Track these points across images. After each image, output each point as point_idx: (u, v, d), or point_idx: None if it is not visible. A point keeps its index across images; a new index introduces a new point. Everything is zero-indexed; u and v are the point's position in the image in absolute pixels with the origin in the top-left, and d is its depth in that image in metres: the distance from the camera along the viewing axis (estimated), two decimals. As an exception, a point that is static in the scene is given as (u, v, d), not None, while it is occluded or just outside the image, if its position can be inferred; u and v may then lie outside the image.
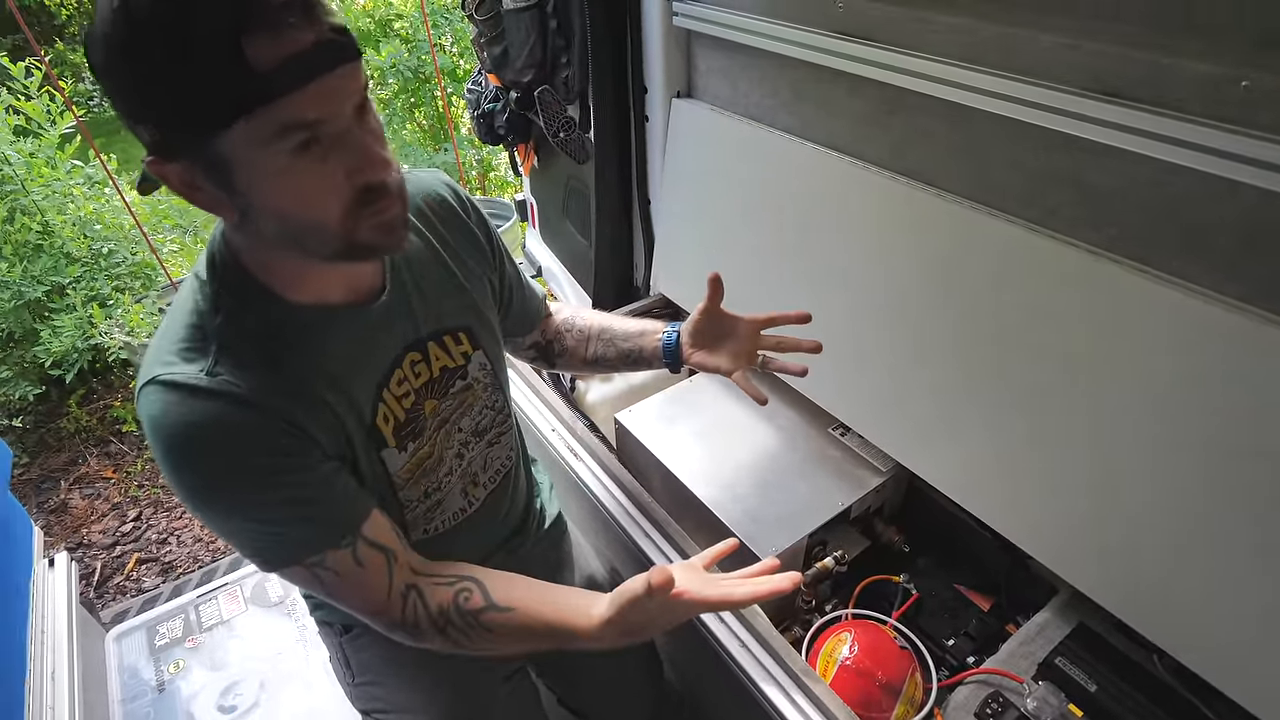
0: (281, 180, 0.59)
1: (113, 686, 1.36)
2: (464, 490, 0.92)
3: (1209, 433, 0.82)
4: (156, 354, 0.67)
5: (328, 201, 0.61)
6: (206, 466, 0.65)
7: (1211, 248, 0.81)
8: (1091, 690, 0.94)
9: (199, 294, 0.68)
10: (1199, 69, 0.74)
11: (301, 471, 0.69)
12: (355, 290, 0.75)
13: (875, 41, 1.03)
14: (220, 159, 0.57)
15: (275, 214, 0.61)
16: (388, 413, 0.78)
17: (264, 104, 0.54)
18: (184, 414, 0.63)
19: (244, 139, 0.56)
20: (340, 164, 0.60)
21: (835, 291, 1.22)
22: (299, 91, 0.55)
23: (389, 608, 0.74)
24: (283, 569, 0.71)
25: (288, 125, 0.56)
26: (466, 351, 0.86)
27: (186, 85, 0.54)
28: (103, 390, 2.99)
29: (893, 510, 1.31)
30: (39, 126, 2.64)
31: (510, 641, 0.78)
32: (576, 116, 1.59)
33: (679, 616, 0.76)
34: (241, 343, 0.67)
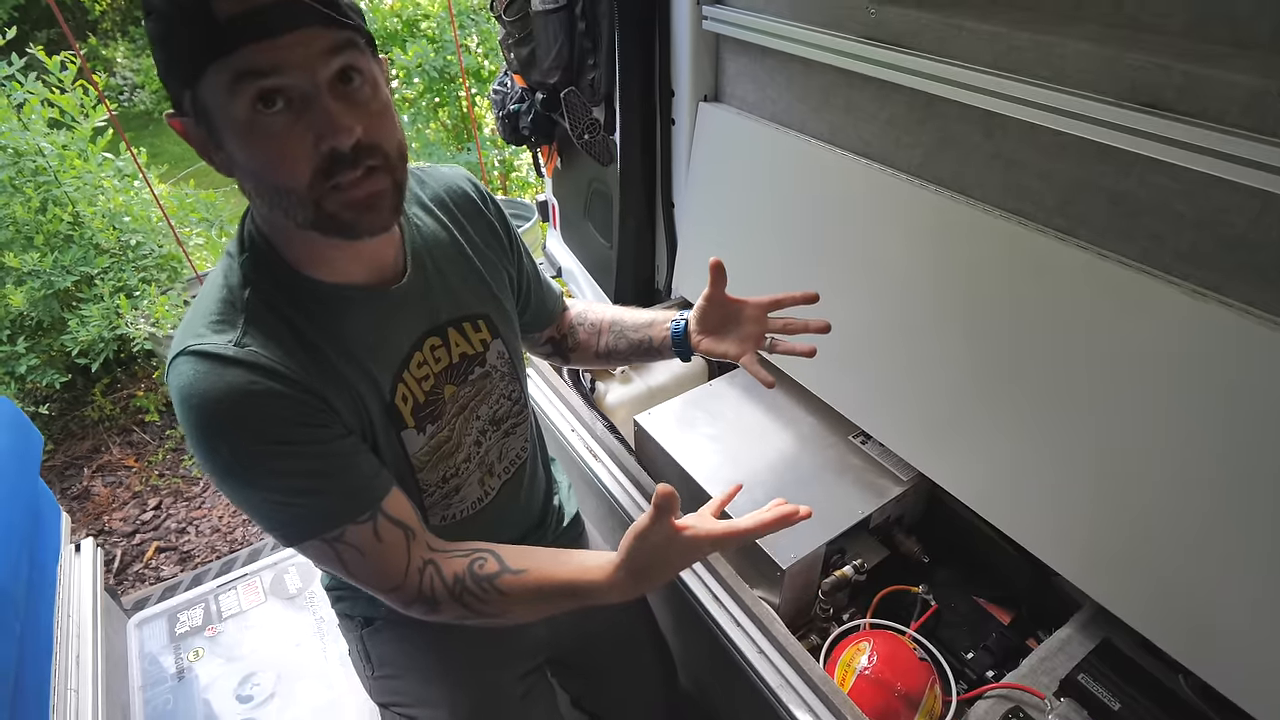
0: (249, 135, 0.61)
1: (133, 672, 1.38)
2: (480, 480, 0.93)
3: (1241, 449, 0.80)
4: (188, 327, 0.69)
5: (294, 164, 0.62)
6: (235, 435, 0.66)
7: (1250, 261, 0.79)
8: (1115, 709, 0.92)
9: (229, 269, 0.71)
10: (1239, 80, 0.73)
11: (327, 443, 0.70)
12: (376, 271, 0.77)
13: (907, 47, 1.02)
14: (204, 111, 0.61)
15: (250, 172, 0.64)
16: (406, 393, 0.79)
17: (225, 54, 0.58)
18: (214, 383, 0.65)
19: (212, 88, 0.60)
20: (309, 127, 0.61)
21: (859, 298, 1.21)
22: (255, 43, 0.58)
23: (406, 584, 0.75)
24: (303, 543, 0.71)
25: (242, 73, 0.58)
26: (485, 339, 0.88)
27: (167, 39, 0.60)
28: (126, 380, 3.04)
29: (913, 520, 1.30)
30: (72, 120, 2.69)
31: (526, 603, 0.78)
32: (602, 119, 1.60)
33: (689, 554, 0.76)
34: (269, 315, 0.69)
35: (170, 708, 1.34)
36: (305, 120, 0.61)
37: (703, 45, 1.39)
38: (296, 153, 0.61)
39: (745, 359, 0.96)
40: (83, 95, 2.70)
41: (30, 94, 2.58)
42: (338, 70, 0.61)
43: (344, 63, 0.61)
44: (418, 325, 0.81)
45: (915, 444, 1.17)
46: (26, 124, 2.56)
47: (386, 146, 0.65)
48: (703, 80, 1.43)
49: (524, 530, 1.05)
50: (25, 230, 2.60)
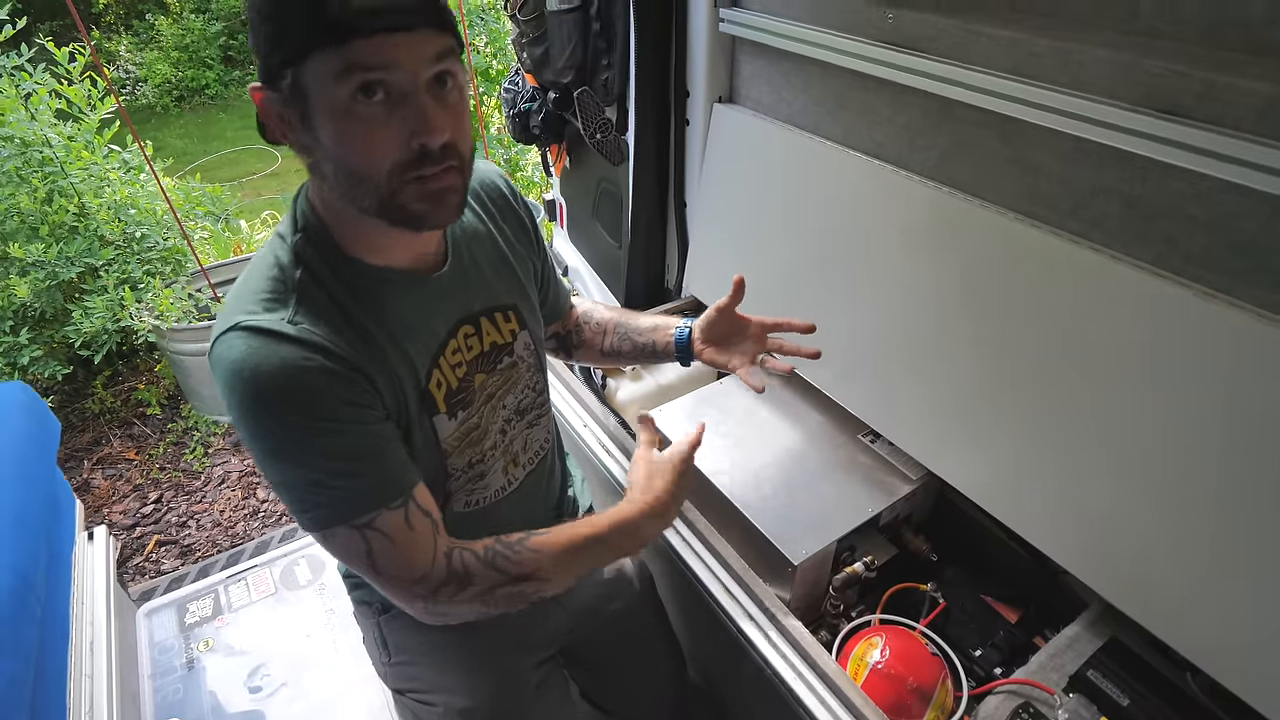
0: (345, 121, 0.64)
1: (143, 662, 1.38)
2: (505, 468, 0.95)
3: (1252, 450, 0.82)
4: (238, 303, 0.70)
5: (381, 153, 0.65)
6: (286, 410, 0.67)
7: (1262, 265, 0.81)
8: (1124, 704, 0.93)
9: (280, 249, 0.73)
10: (1258, 88, 0.75)
11: (371, 424, 0.72)
12: (420, 259, 0.80)
13: (925, 52, 1.04)
14: (301, 90, 0.64)
15: (334, 155, 0.66)
16: (441, 379, 0.82)
17: (339, 43, 0.61)
18: (267, 357, 0.66)
19: (317, 74, 0.62)
20: (404, 122, 0.65)
21: (871, 298, 1.23)
22: (366, 39, 0.61)
23: (434, 570, 0.75)
24: (334, 528, 0.71)
25: (351, 65, 0.62)
26: (514, 329, 0.90)
27: (279, 15, 0.62)
28: (127, 373, 3.03)
29: (921, 519, 1.31)
30: (79, 111, 2.69)
31: (559, 560, 0.80)
32: (614, 119, 1.61)
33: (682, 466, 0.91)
34: (319, 294, 0.71)
35: (180, 697, 1.34)
36: (399, 115, 0.64)
37: (719, 47, 1.40)
38: (385, 143, 0.65)
39: (741, 370, 1.02)
40: (90, 87, 2.70)
41: (38, 85, 2.58)
42: (437, 73, 0.65)
43: (444, 68, 0.66)
44: (454, 313, 0.83)
45: (925, 442, 1.19)
46: (34, 114, 2.55)
47: (464, 149, 0.70)
48: (718, 82, 1.45)
49: (541, 520, 1.05)
50: (31, 221, 2.59)
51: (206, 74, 6.45)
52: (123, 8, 6.74)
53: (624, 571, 1.14)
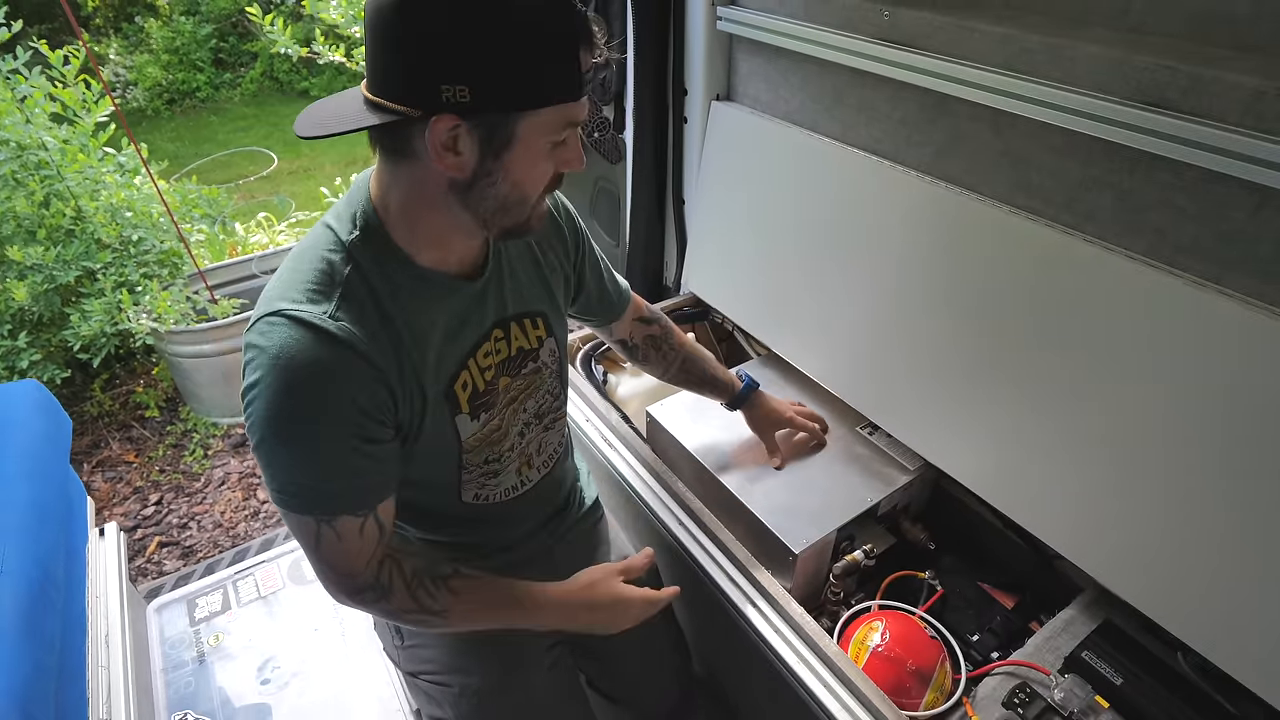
0: (536, 162, 0.70)
1: (155, 656, 1.39)
2: (519, 469, 0.97)
3: (1241, 434, 0.84)
4: (282, 290, 0.72)
5: (542, 183, 0.74)
6: (304, 404, 0.70)
7: (1249, 254, 0.84)
8: (1118, 683, 0.96)
9: (331, 243, 0.74)
10: (1244, 81, 0.77)
11: (378, 433, 0.75)
12: (466, 263, 0.83)
13: (920, 49, 1.06)
14: (508, 131, 0.67)
15: (513, 186, 0.71)
16: (468, 380, 0.84)
17: (574, 100, 0.68)
18: (303, 351, 0.69)
19: (543, 122, 0.67)
20: (560, 155, 0.72)
21: (869, 293, 1.25)
22: (583, 97, 0.69)
23: (364, 573, 0.81)
24: (298, 514, 0.76)
25: (571, 121, 0.69)
26: (541, 336, 0.93)
27: (540, 64, 0.65)
28: (125, 376, 3.03)
29: (919, 509, 1.33)
30: (74, 114, 2.68)
31: (471, 611, 0.87)
32: (611, 117, 1.63)
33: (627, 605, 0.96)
34: (363, 292, 0.73)
35: (191, 690, 1.35)
36: (562, 148, 0.72)
37: (717, 45, 1.42)
38: (547, 174, 0.73)
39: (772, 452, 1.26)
40: (85, 90, 2.69)
41: (34, 88, 2.57)
42: None
43: None
44: (489, 316, 0.86)
45: (921, 433, 1.21)
46: (29, 118, 2.55)
47: None
48: (716, 79, 1.47)
49: (549, 514, 1.08)
50: (28, 224, 2.59)
51: (197, 77, 6.42)
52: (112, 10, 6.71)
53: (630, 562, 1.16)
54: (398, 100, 0.65)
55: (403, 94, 0.65)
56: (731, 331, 1.71)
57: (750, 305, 1.52)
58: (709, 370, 1.24)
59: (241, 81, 6.58)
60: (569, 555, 1.12)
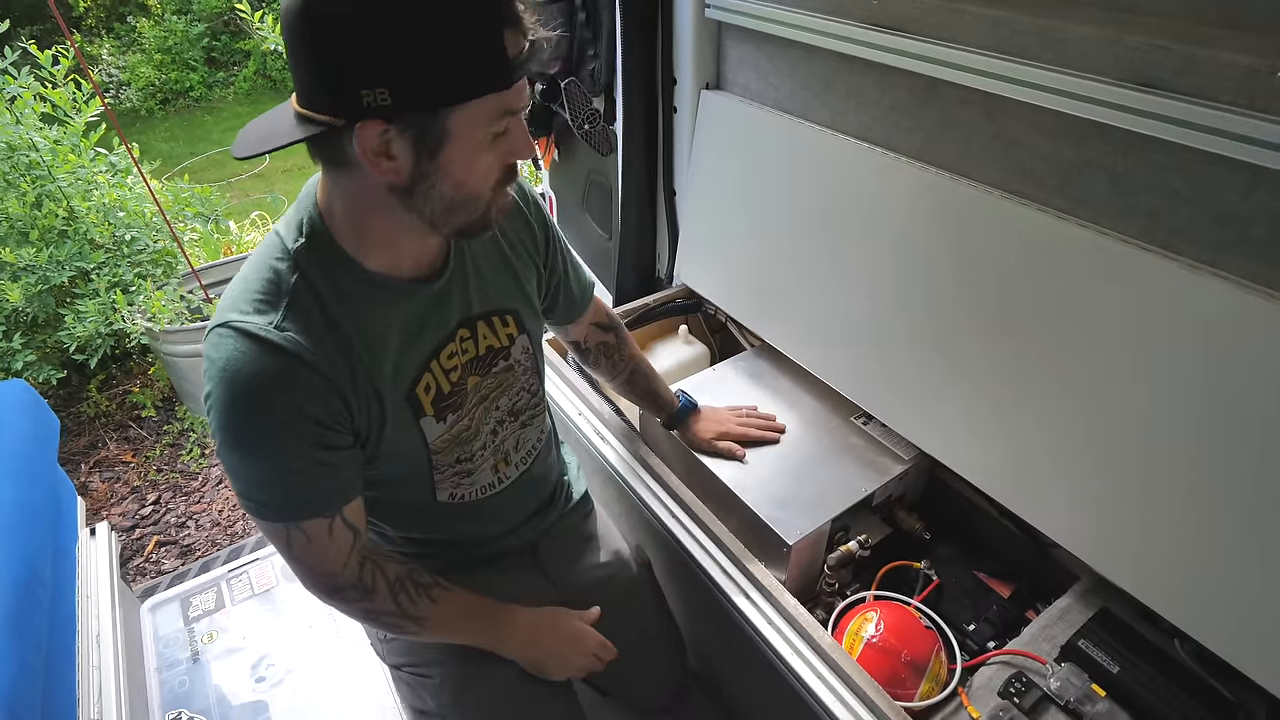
0: (476, 156, 0.67)
1: (149, 655, 1.39)
2: (495, 467, 0.96)
3: (1236, 418, 0.83)
4: (231, 301, 0.72)
5: (489, 177, 0.70)
6: (253, 413, 0.70)
7: (1244, 236, 0.82)
8: (1114, 671, 0.95)
9: (279, 251, 0.73)
10: (1237, 60, 0.76)
11: (333, 439, 0.75)
12: (422, 265, 0.80)
13: (909, 32, 1.05)
14: (439, 130, 0.64)
15: (455, 185, 0.68)
16: (431, 382, 0.83)
17: (506, 86, 0.64)
18: (248, 362, 0.69)
19: (474, 115, 0.64)
20: (504, 146, 0.69)
21: (861, 281, 1.24)
22: (520, 83, 0.66)
23: (344, 573, 0.82)
24: (264, 520, 0.77)
25: (507, 110, 0.66)
26: (512, 333, 0.91)
27: (458, 57, 0.61)
28: (122, 376, 3.03)
29: (914, 498, 1.32)
30: (65, 114, 2.67)
31: (448, 620, 0.89)
32: (602, 109, 1.61)
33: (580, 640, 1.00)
34: (310, 302, 0.72)
35: (186, 689, 1.35)
36: (503, 140, 0.69)
37: (705, 33, 1.40)
38: (494, 167, 0.70)
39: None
40: (75, 90, 2.68)
41: (23, 88, 2.56)
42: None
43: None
44: (452, 317, 0.84)
45: (916, 422, 1.20)
46: (19, 118, 2.54)
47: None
48: (705, 68, 1.45)
49: (534, 509, 1.07)
50: (20, 225, 2.58)
51: (190, 76, 6.40)
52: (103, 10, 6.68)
53: (621, 554, 1.15)
54: (322, 110, 0.63)
55: (326, 104, 0.63)
56: (725, 323, 1.69)
57: (742, 296, 1.51)
58: (652, 386, 1.23)
59: (235, 80, 6.55)
60: (553, 551, 1.12)
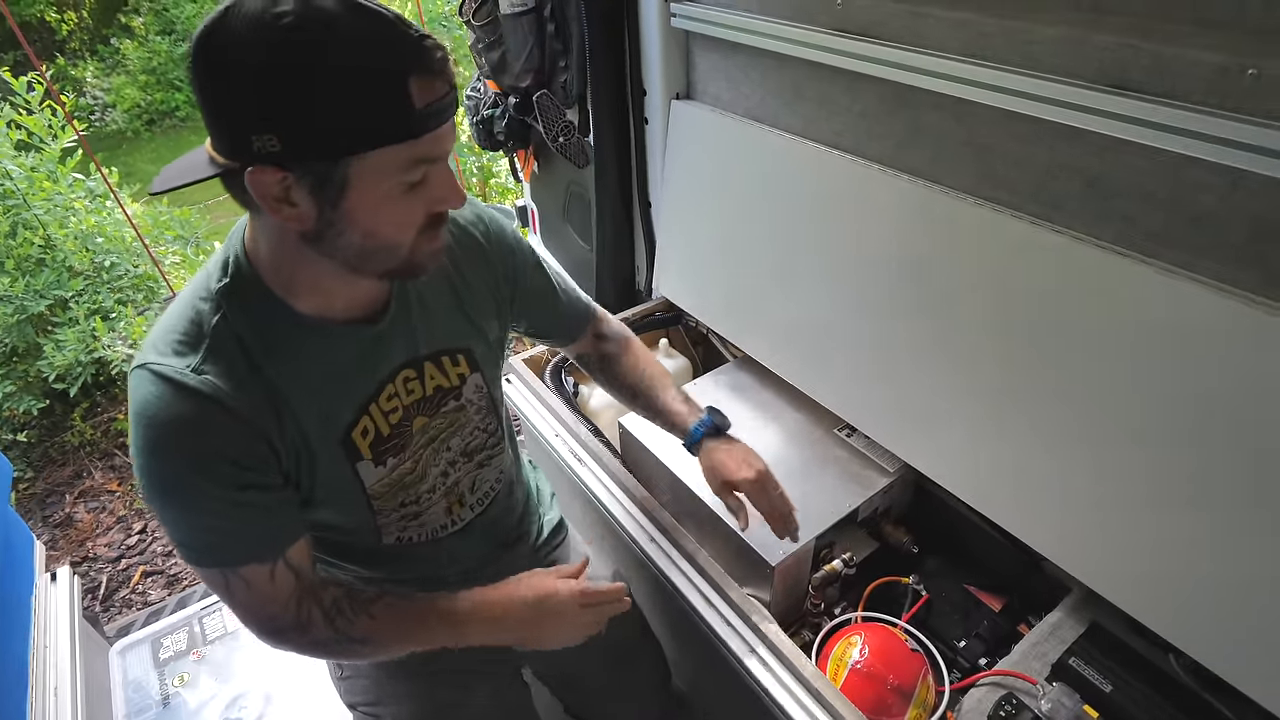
0: (386, 206, 0.64)
1: (117, 701, 1.35)
2: (448, 509, 0.92)
3: (1220, 425, 0.81)
4: (153, 340, 0.70)
5: (408, 226, 0.67)
6: (177, 460, 0.67)
7: (1221, 239, 0.80)
8: (1107, 691, 0.92)
9: (203, 291, 0.71)
10: (1206, 58, 0.73)
11: (260, 481, 0.72)
12: (359, 307, 0.77)
13: (875, 38, 1.02)
14: (338, 179, 0.61)
15: (364, 234, 0.65)
16: (369, 426, 0.80)
17: (413, 137, 0.61)
18: (164, 408, 0.66)
19: (376, 165, 0.61)
20: (428, 194, 0.66)
21: (838, 291, 1.21)
22: (433, 132, 0.62)
23: (283, 616, 0.77)
24: (202, 568, 0.74)
25: (419, 160, 0.63)
26: (463, 373, 0.88)
27: (353, 107, 0.58)
28: (106, 404, 2.99)
29: (900, 511, 1.29)
30: (40, 141, 2.65)
31: (394, 632, 0.82)
32: (575, 120, 1.59)
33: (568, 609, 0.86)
34: (231, 345, 0.69)
35: (156, 735, 1.32)
36: (424, 189, 0.66)
37: (673, 43, 1.38)
38: (414, 215, 0.67)
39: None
40: (50, 116, 2.66)
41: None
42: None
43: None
44: (394, 359, 0.81)
45: (899, 434, 1.17)
46: (-8, 147, 2.52)
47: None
48: (674, 78, 1.43)
49: (493, 547, 1.03)
50: (-5, 255, 2.56)
51: (175, 96, 6.38)
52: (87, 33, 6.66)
53: None
54: (219, 152, 0.61)
55: (223, 146, 0.61)
56: (706, 335, 1.67)
57: (721, 307, 1.48)
58: (661, 402, 1.09)
59: (221, 99, 6.53)
60: None
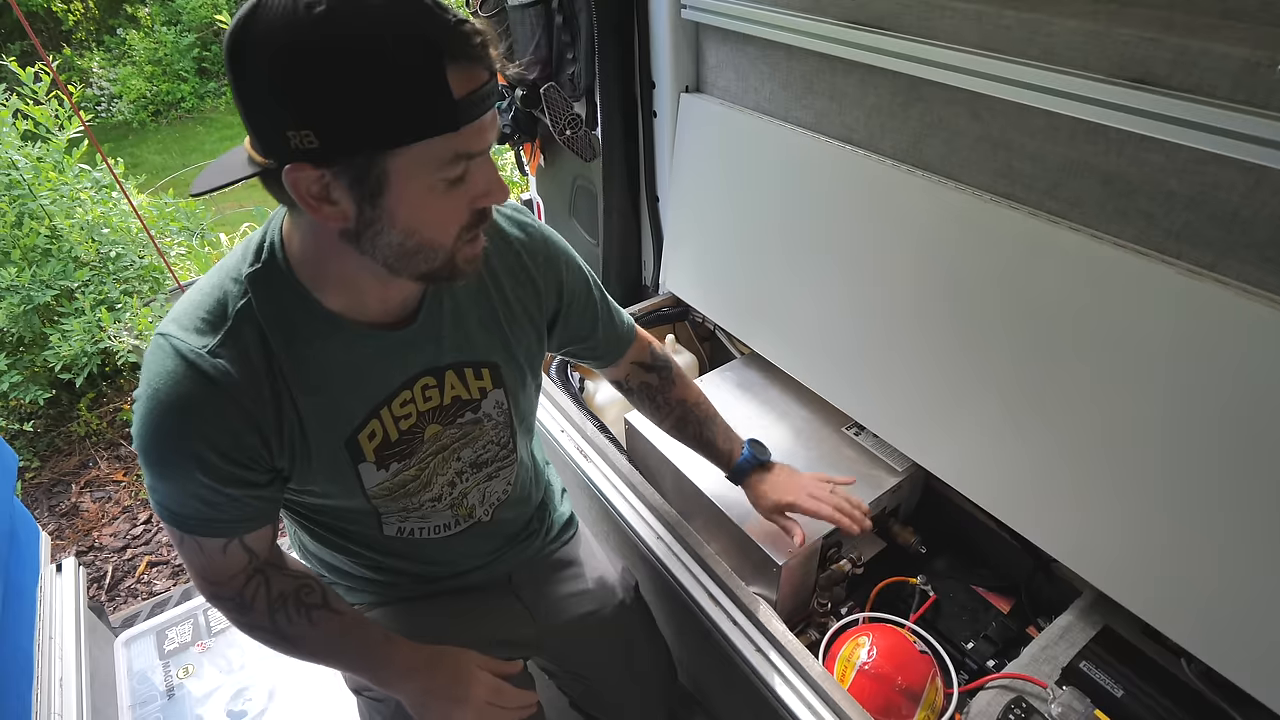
0: (428, 201, 0.62)
1: (122, 692, 1.35)
2: (455, 516, 0.92)
3: (1239, 431, 0.79)
4: (180, 311, 0.71)
5: (451, 224, 0.65)
6: (167, 432, 0.68)
7: (1245, 239, 0.78)
8: (1118, 695, 0.91)
9: (236, 271, 0.71)
10: (1231, 52, 0.72)
11: (240, 478, 0.72)
12: (389, 310, 0.76)
13: (890, 30, 1.00)
14: (379, 174, 0.59)
15: (405, 232, 0.63)
16: (377, 429, 0.79)
17: (453, 129, 0.58)
18: (175, 383, 0.67)
19: (416, 159, 0.59)
20: (469, 190, 0.64)
21: (849, 288, 1.19)
22: (475, 123, 0.59)
23: (229, 583, 0.79)
24: (165, 522, 0.75)
25: (460, 154, 0.60)
26: (485, 387, 0.86)
27: (389, 98, 0.56)
28: (112, 394, 3.00)
29: (909, 511, 1.28)
30: (46, 131, 2.64)
31: (325, 643, 0.84)
32: (583, 114, 1.57)
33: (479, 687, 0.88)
34: (251, 330, 0.70)
35: (161, 726, 1.32)
36: (466, 184, 0.63)
37: (683, 35, 1.36)
38: (457, 213, 0.65)
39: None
40: (57, 107, 2.65)
41: (3, 106, 2.53)
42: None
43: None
44: (415, 365, 0.80)
45: (909, 434, 1.16)
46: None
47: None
48: (683, 71, 1.41)
49: (500, 545, 1.03)
50: (1, 245, 2.56)
51: (181, 87, 6.36)
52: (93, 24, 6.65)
53: (606, 580, 1.12)
54: (257, 151, 0.60)
55: (258, 145, 0.60)
56: (713, 331, 1.65)
57: (729, 303, 1.47)
58: (704, 433, 1.10)
59: (226, 90, 6.52)
60: (530, 580, 1.07)
